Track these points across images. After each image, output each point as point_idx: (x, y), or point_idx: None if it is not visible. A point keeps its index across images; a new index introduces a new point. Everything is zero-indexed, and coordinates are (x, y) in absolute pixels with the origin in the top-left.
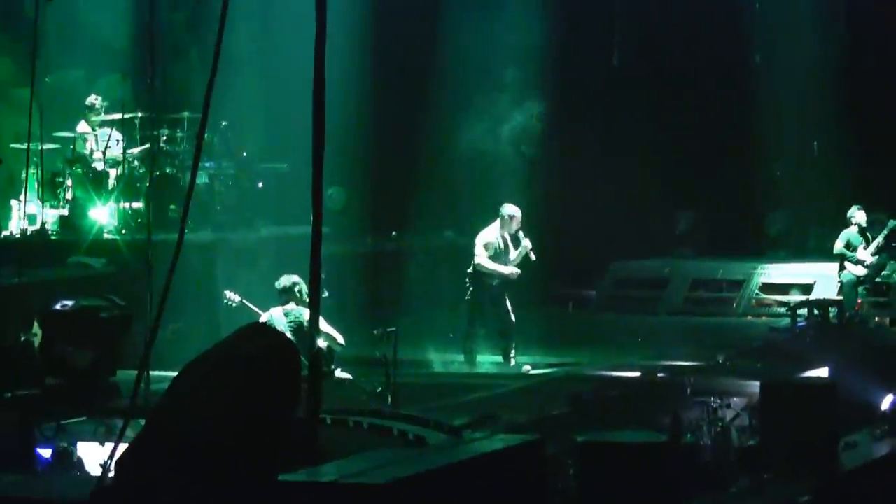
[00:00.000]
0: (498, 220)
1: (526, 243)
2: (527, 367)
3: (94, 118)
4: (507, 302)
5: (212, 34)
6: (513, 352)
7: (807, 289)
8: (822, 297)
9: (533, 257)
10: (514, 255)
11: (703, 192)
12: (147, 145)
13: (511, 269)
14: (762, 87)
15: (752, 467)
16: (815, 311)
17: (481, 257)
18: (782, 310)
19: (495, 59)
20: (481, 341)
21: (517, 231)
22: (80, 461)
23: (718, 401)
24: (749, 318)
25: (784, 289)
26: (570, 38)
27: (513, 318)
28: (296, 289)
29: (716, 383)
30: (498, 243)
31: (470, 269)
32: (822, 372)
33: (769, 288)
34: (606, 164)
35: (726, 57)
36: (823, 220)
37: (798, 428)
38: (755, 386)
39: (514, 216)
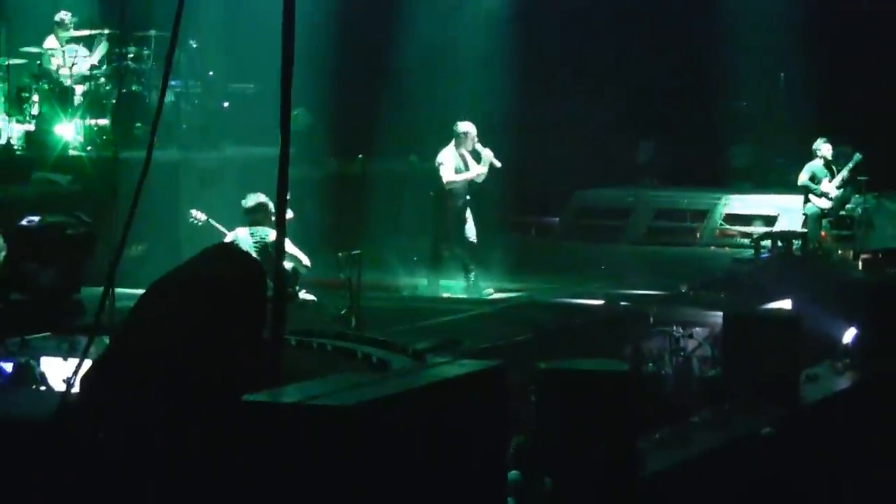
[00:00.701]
0: (453, 140)
1: (486, 153)
2: (489, 291)
3: (62, 34)
4: (472, 220)
5: None
6: (472, 272)
7: (770, 221)
8: (785, 230)
9: (497, 164)
10: (476, 170)
11: (668, 122)
12: (105, 45)
13: (478, 169)
14: (729, 18)
15: (713, 398)
16: (779, 243)
17: (448, 173)
18: (746, 241)
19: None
20: (446, 263)
21: (474, 146)
22: (42, 376)
23: (681, 331)
24: (712, 248)
25: (748, 220)
26: None
27: (475, 237)
28: (262, 209)
29: (678, 313)
30: (458, 161)
31: (433, 192)
32: (785, 304)
33: (733, 219)
34: (570, 91)
35: None
36: (789, 152)
37: (760, 360)
38: (718, 316)
39: (468, 132)
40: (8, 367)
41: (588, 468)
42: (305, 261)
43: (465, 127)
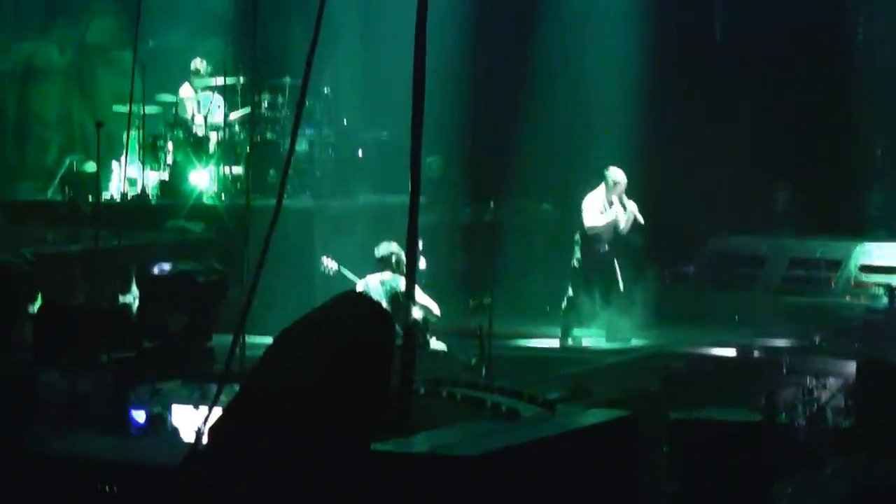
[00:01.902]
0: (602, 185)
1: (631, 206)
2: (625, 338)
3: (196, 82)
4: (618, 270)
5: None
6: (618, 324)
7: None
8: None
9: (641, 220)
10: (622, 220)
11: (804, 169)
12: (247, 108)
13: (622, 217)
14: (864, 63)
15: (847, 448)
16: None
17: (591, 218)
18: (881, 291)
19: (596, 32)
20: (581, 311)
21: (621, 196)
22: (173, 425)
23: (814, 381)
24: (847, 298)
25: (884, 270)
26: (673, 13)
27: (621, 286)
28: (393, 258)
29: (812, 363)
30: (605, 207)
31: (576, 236)
32: None
33: (868, 268)
34: (706, 139)
35: (828, 32)
36: None
37: (894, 409)
38: (851, 366)
39: (619, 182)
40: (140, 415)
41: None
42: (436, 309)
43: (617, 175)
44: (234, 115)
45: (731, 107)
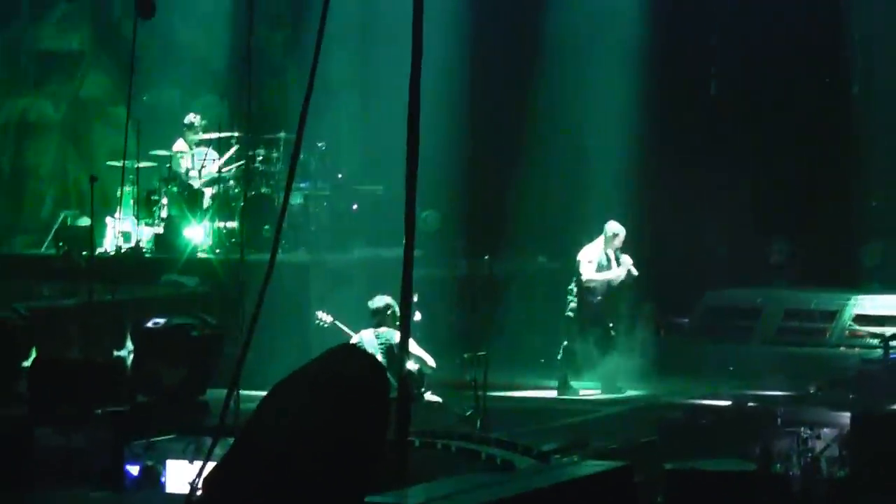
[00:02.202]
0: (601, 237)
1: (626, 259)
2: (621, 388)
3: (191, 137)
4: (609, 318)
5: (309, 55)
6: (614, 374)
7: None
8: None
9: (635, 272)
10: (617, 272)
11: (799, 221)
12: (242, 161)
13: (617, 272)
14: (860, 116)
15: (842, 499)
16: None
17: (587, 272)
18: (875, 341)
19: (592, 86)
20: (578, 361)
21: (618, 250)
22: (167, 479)
23: (809, 431)
24: (842, 349)
25: (879, 320)
26: (668, 68)
27: (613, 333)
28: (388, 311)
29: (806, 414)
30: (602, 259)
31: (571, 286)
32: None
33: (863, 319)
34: (701, 192)
35: (823, 86)
36: None
37: (889, 460)
38: (846, 417)
39: (617, 234)
40: (134, 470)
41: None
42: (430, 362)
43: (615, 228)
44: (219, 162)
45: (728, 161)
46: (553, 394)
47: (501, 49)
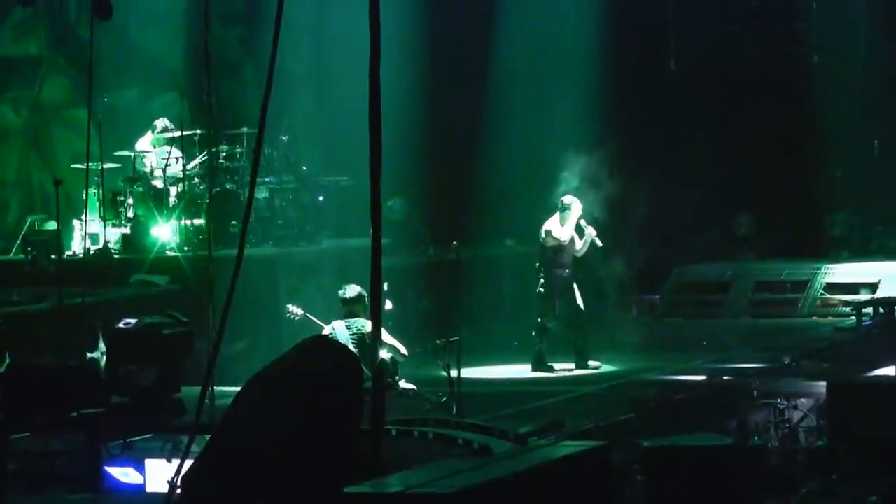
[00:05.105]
0: (557, 213)
1: (589, 231)
2: (595, 364)
3: (154, 135)
4: (577, 291)
5: (266, 50)
6: (585, 347)
7: (872, 288)
8: (887, 296)
9: (599, 243)
10: (579, 244)
11: (765, 194)
12: (205, 155)
13: (579, 243)
14: (821, 87)
15: (820, 469)
16: (881, 310)
17: (563, 233)
18: (847, 309)
19: (551, 66)
20: (552, 336)
21: (578, 221)
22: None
23: (785, 402)
24: (814, 318)
25: (849, 288)
26: (626, 45)
27: (582, 306)
28: (359, 300)
29: (782, 385)
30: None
31: (537, 264)
32: (889, 371)
33: (834, 288)
34: (666, 169)
35: (784, 58)
36: (887, 219)
37: (866, 428)
38: (822, 386)
39: (572, 205)
40: (113, 471)
41: None
42: (403, 350)
43: (570, 201)
44: (192, 164)
45: (693, 138)
46: (527, 374)
47: (458, 33)
